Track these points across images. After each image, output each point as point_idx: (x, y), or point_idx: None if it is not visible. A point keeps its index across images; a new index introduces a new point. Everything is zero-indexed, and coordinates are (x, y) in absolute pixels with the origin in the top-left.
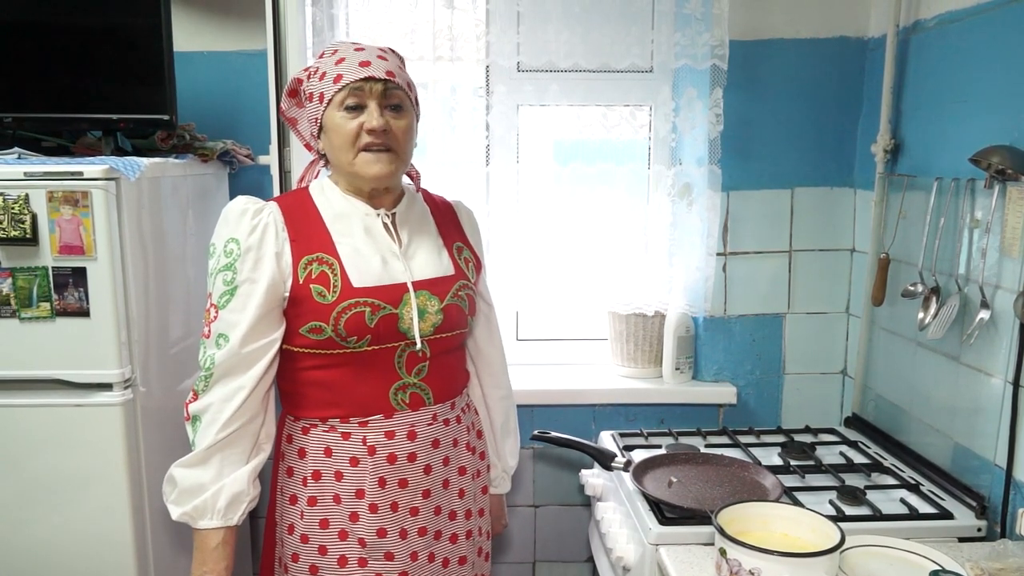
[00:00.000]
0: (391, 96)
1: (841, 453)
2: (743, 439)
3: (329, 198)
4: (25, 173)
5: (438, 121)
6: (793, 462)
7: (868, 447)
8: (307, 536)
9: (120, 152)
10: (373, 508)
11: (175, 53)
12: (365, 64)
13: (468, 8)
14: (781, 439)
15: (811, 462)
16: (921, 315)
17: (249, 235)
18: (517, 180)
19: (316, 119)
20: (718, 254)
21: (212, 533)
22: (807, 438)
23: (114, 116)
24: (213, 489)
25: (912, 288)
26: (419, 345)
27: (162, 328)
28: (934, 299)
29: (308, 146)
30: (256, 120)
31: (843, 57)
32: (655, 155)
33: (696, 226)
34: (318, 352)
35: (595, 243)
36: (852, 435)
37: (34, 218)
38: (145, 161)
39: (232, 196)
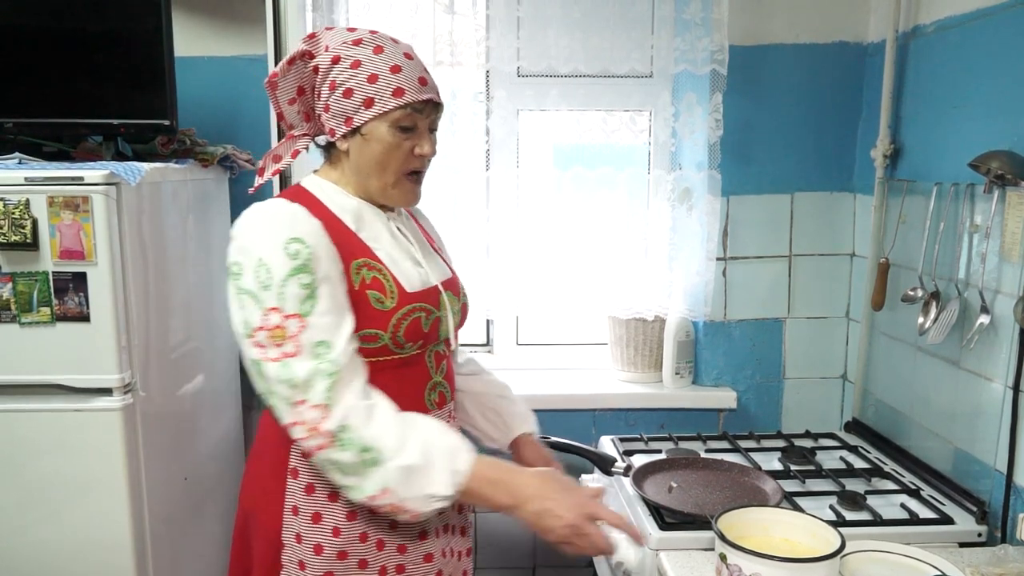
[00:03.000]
0: (435, 121)
1: (841, 458)
2: (743, 444)
3: (338, 201)
4: (26, 178)
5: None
6: (793, 467)
7: (868, 452)
8: (346, 552)
9: (121, 157)
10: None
11: (176, 58)
12: (423, 82)
13: (468, 13)
14: (781, 444)
15: (811, 467)
16: (921, 320)
17: (312, 234)
18: (517, 185)
19: (349, 119)
20: (718, 258)
21: (479, 466)
22: (807, 443)
23: (115, 121)
24: (418, 451)
25: (912, 293)
26: (454, 345)
27: (162, 333)
28: (934, 304)
29: (281, 115)
30: (256, 125)
31: (842, 62)
32: (655, 160)
33: (696, 230)
34: (366, 360)
35: (595, 247)
36: (852, 440)
37: (34, 223)
38: (146, 166)
39: (233, 201)
